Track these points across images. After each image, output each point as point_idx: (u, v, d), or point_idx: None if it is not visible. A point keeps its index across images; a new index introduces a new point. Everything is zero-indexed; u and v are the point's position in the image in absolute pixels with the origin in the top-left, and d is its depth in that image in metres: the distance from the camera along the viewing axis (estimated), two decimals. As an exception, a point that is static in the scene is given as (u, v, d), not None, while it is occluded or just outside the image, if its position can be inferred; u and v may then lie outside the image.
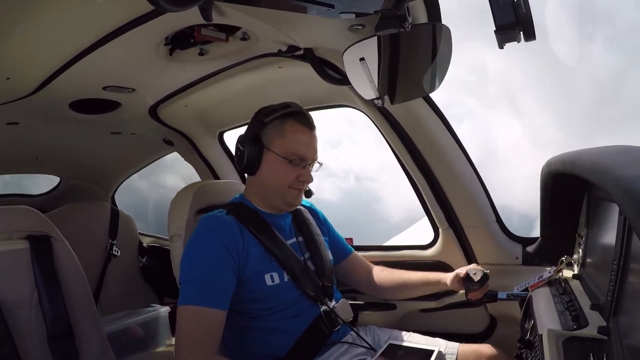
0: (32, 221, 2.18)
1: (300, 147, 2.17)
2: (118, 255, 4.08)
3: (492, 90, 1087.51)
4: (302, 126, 2.19)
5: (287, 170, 2.16)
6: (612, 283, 1.43)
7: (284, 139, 2.16)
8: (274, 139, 2.16)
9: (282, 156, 2.14)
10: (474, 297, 2.27)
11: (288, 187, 2.19)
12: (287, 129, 2.17)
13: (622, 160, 1.29)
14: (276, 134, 2.16)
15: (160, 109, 3.12)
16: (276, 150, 2.15)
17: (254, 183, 2.26)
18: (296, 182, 2.19)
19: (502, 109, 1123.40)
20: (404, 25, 1.68)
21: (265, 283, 2.08)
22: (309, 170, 2.22)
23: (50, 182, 4.79)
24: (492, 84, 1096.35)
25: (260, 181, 2.21)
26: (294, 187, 2.20)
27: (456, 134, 2.54)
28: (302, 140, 2.18)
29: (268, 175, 2.18)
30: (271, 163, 2.16)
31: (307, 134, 2.20)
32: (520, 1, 1.46)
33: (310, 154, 2.20)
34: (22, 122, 3.03)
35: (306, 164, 2.20)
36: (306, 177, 2.20)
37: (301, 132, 2.19)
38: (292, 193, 2.21)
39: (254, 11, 1.82)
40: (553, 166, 1.93)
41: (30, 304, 2.04)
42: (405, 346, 2.17)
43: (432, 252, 2.89)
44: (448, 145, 2.52)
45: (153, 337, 3.34)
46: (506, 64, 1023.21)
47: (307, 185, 2.25)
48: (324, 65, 2.28)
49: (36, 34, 1.92)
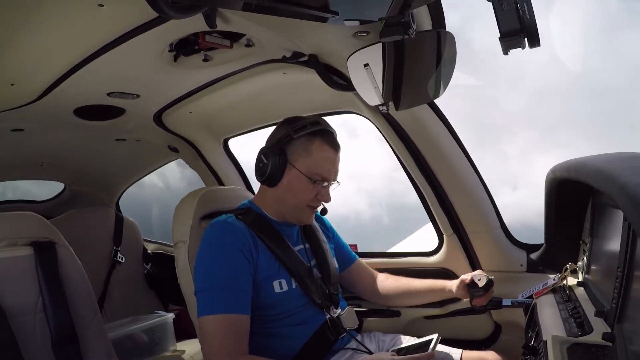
0: (37, 227, 2.19)
1: (325, 168, 2.16)
2: (122, 262, 4.08)
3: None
4: (328, 146, 2.17)
5: (307, 188, 2.15)
6: (617, 290, 1.43)
7: (310, 158, 2.14)
8: (300, 157, 2.14)
9: (305, 175, 2.13)
10: (479, 303, 2.26)
11: (305, 205, 2.19)
12: (315, 148, 2.15)
13: (627, 167, 1.29)
14: (303, 152, 2.14)
15: (164, 115, 3.12)
16: (300, 168, 2.13)
17: (270, 194, 2.23)
18: (314, 201, 2.19)
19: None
20: (408, 32, 1.68)
21: (274, 290, 2.09)
22: (328, 191, 2.21)
23: (55, 188, 4.79)
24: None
25: (279, 194, 2.20)
26: (310, 206, 2.20)
27: (460, 140, 2.53)
28: (327, 161, 2.17)
29: (287, 191, 2.17)
30: (293, 180, 2.15)
31: (332, 155, 2.19)
32: (525, 8, 1.46)
33: (333, 175, 2.20)
34: (26, 129, 3.03)
35: (328, 184, 2.19)
36: (325, 198, 2.20)
37: (327, 152, 2.17)
38: (307, 212, 2.22)
39: (258, 18, 1.83)
40: (558, 173, 1.93)
41: (35, 310, 2.04)
42: (406, 346, 2.18)
43: (436, 258, 2.87)
44: (452, 151, 2.52)
45: (158, 344, 3.33)
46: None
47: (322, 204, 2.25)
48: (329, 72, 2.28)
49: (41, 40, 1.92)
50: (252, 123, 3.30)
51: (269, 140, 2.25)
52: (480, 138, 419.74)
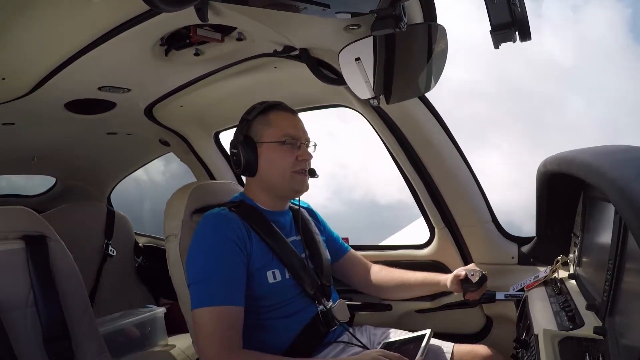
0: (28, 221, 2.18)
1: (289, 128, 2.22)
2: (114, 255, 4.07)
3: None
4: (285, 112, 2.28)
5: (284, 154, 2.18)
6: (608, 283, 1.43)
7: (272, 127, 2.20)
8: (263, 132, 2.20)
9: (275, 141, 2.17)
10: (472, 297, 2.28)
11: (291, 172, 2.19)
12: (272, 117, 2.23)
13: (618, 161, 1.30)
14: (263, 126, 2.22)
15: (155, 109, 3.12)
16: (268, 139, 2.18)
17: (256, 182, 2.26)
18: (297, 164, 2.20)
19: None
20: (399, 25, 1.68)
21: (267, 280, 2.09)
22: (305, 149, 2.24)
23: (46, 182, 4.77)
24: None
25: (263, 177, 2.22)
26: (297, 172, 2.21)
27: (452, 134, 2.54)
28: (289, 123, 2.24)
29: (268, 168, 2.19)
30: (268, 154, 2.18)
31: (291, 117, 2.28)
32: (516, 1, 1.46)
33: (301, 133, 2.25)
34: (17, 123, 3.01)
35: (300, 143, 2.22)
36: (305, 155, 2.22)
37: (285, 117, 2.26)
38: (297, 178, 2.23)
39: (249, 11, 1.82)
40: (549, 166, 1.93)
41: (26, 305, 2.04)
42: (398, 340, 2.19)
43: (427, 251, 2.89)
44: (444, 145, 2.53)
45: (149, 338, 3.33)
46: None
47: (309, 164, 2.26)
48: (320, 66, 2.29)
49: (31, 34, 1.91)
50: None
51: (234, 135, 2.29)
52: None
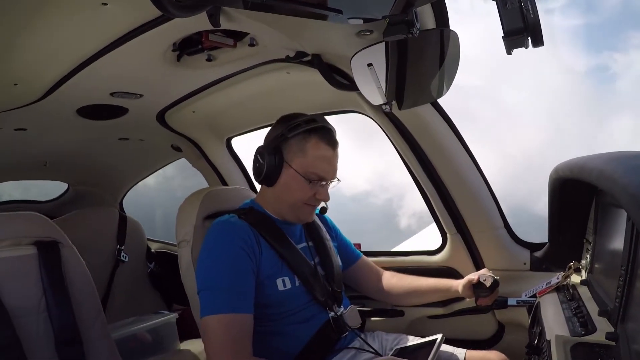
0: (40, 227, 2.18)
1: (321, 167, 2.13)
2: (126, 261, 4.07)
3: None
4: (324, 144, 2.14)
5: (304, 188, 2.13)
6: (620, 289, 1.43)
7: (306, 157, 2.11)
8: (295, 156, 2.12)
9: (302, 174, 2.11)
10: (484, 303, 2.26)
11: (303, 203, 2.17)
12: (310, 147, 2.11)
13: (630, 167, 1.29)
14: (298, 151, 2.12)
15: (168, 114, 3.13)
16: (296, 167, 2.11)
17: (270, 193, 2.22)
18: (312, 200, 2.18)
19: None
20: (412, 30, 1.68)
21: (277, 288, 2.08)
22: (326, 190, 2.19)
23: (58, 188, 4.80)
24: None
25: (277, 193, 2.19)
26: (308, 204, 2.19)
27: (464, 140, 2.54)
28: (324, 160, 2.14)
29: (285, 190, 2.15)
30: (290, 179, 2.13)
31: (329, 153, 2.15)
32: (529, 7, 1.46)
33: (330, 174, 2.18)
34: (30, 128, 3.03)
35: (325, 183, 2.18)
36: (323, 197, 2.19)
37: (324, 150, 2.13)
38: (306, 210, 2.20)
39: (262, 17, 1.82)
40: (561, 172, 1.93)
41: (38, 310, 2.04)
42: (410, 345, 2.18)
43: (440, 257, 2.88)
44: (456, 150, 2.52)
45: (161, 343, 3.33)
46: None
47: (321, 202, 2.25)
48: (332, 71, 2.28)
49: (44, 40, 1.93)
50: (255, 122, 3.30)
51: (265, 139, 2.24)
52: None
